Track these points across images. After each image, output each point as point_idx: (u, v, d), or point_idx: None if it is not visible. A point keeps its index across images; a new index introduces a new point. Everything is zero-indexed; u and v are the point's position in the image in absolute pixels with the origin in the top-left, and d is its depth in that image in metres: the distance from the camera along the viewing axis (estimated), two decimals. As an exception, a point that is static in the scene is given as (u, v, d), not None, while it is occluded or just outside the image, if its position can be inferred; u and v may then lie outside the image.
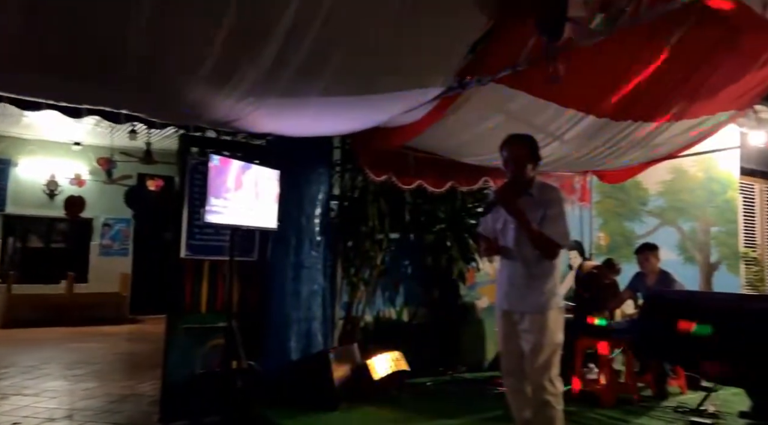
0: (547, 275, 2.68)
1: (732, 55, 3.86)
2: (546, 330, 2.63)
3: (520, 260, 2.72)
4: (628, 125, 4.29)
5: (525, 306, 2.69)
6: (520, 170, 2.76)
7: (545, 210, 2.67)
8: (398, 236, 5.20)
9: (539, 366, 2.61)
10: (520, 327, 2.70)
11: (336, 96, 3.06)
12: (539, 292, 2.66)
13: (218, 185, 3.34)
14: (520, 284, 2.72)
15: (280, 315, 4.35)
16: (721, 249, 7.46)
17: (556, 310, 2.68)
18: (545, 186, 2.80)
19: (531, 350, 2.64)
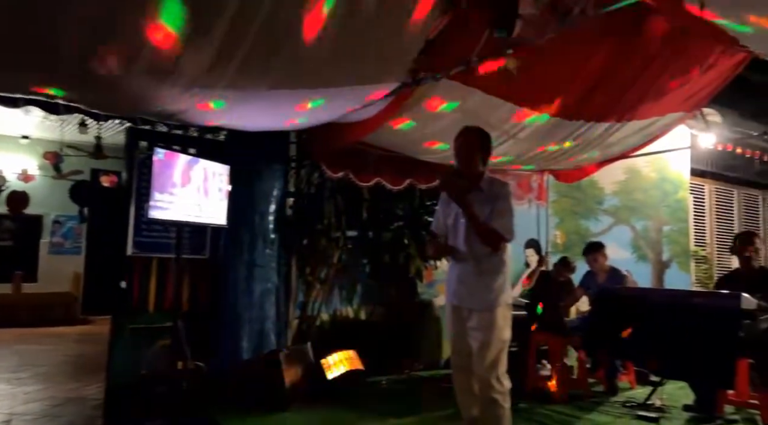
0: (496, 272, 2.67)
1: (679, 58, 3.96)
2: (494, 327, 2.62)
3: (470, 256, 2.71)
4: (581, 124, 4.36)
5: (473, 303, 2.68)
6: (469, 160, 2.75)
7: (493, 205, 2.66)
8: (356, 234, 5.15)
9: (487, 363, 2.60)
10: (469, 324, 2.69)
11: (284, 90, 2.98)
12: (488, 289, 2.66)
13: (163, 180, 3.22)
14: (469, 281, 2.71)
15: (232, 315, 4.24)
16: (673, 247, 7.68)
17: (504, 307, 2.67)
18: (495, 181, 2.79)
19: (479, 347, 2.63)
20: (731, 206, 9.00)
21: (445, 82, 3.62)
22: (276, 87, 2.94)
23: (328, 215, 4.59)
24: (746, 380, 3.89)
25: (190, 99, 2.84)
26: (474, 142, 2.78)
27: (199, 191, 3.59)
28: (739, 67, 4.47)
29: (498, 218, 2.63)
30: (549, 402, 4.11)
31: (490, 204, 2.66)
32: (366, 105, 3.64)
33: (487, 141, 2.84)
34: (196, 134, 4.53)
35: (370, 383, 4.54)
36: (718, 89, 4.71)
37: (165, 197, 3.24)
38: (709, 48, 4.03)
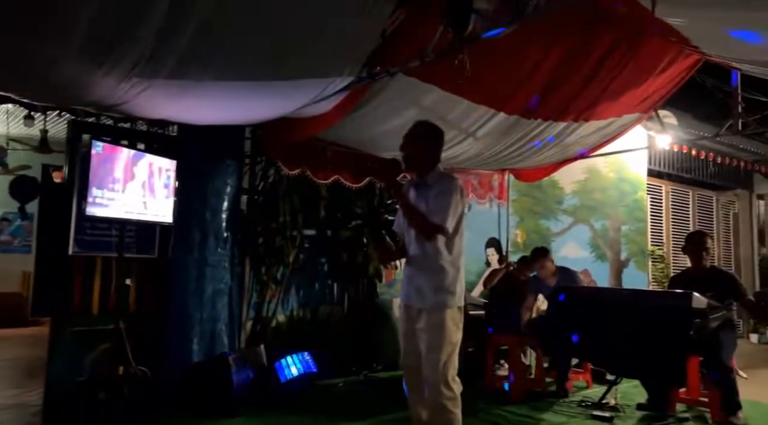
0: (445, 272, 2.58)
1: (632, 60, 4.00)
2: (442, 328, 2.53)
3: (420, 255, 2.63)
4: (538, 123, 4.36)
5: (422, 303, 2.60)
6: (413, 154, 2.67)
7: (433, 196, 2.59)
8: (314, 233, 5.04)
9: (435, 366, 2.52)
10: (417, 324, 2.61)
11: (231, 81, 2.86)
12: (437, 289, 2.57)
13: (102, 175, 3.05)
14: (418, 280, 2.62)
15: (181, 316, 4.07)
16: (631, 247, 7.82)
17: (454, 309, 2.59)
18: (444, 176, 2.69)
19: (427, 349, 2.55)
20: (687, 206, 9.23)
21: (402, 78, 3.56)
22: (220, 79, 2.81)
23: (283, 212, 4.46)
24: (697, 378, 3.95)
25: (130, 89, 2.68)
26: (419, 135, 2.71)
27: (144, 188, 3.42)
28: (691, 70, 4.55)
29: (431, 204, 2.55)
30: (506, 403, 4.09)
31: (431, 197, 2.59)
32: (320, 100, 3.54)
33: (434, 135, 2.75)
34: (144, 127, 4.34)
35: (326, 385, 4.44)
36: (671, 92, 4.79)
37: (105, 193, 3.06)
38: (661, 51, 4.09)
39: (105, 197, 3.06)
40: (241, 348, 4.13)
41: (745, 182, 9.99)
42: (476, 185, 6.02)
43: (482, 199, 6.09)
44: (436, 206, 2.54)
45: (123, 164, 3.22)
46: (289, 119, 3.99)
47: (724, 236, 9.90)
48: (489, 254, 6.30)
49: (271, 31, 2.64)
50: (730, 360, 3.68)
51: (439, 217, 2.52)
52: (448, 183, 2.62)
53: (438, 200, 2.56)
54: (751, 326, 9.16)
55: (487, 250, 6.29)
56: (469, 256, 6.06)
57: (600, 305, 3.73)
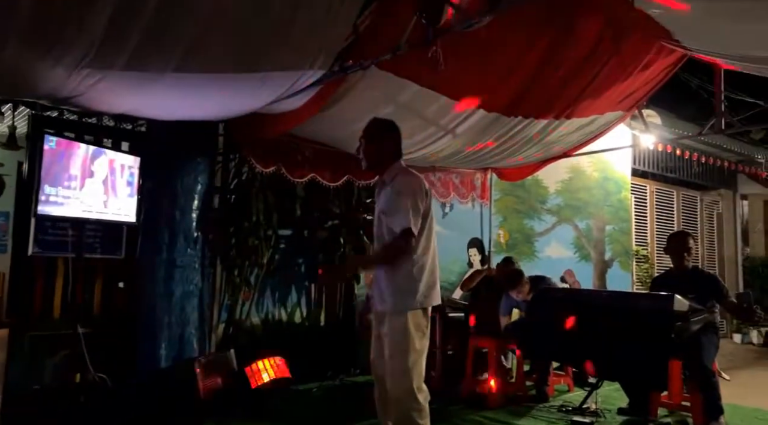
0: (406, 272, 2.43)
1: (615, 56, 3.90)
2: (404, 333, 2.38)
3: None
4: (519, 121, 4.25)
5: (383, 306, 2.47)
6: (366, 152, 2.58)
7: (388, 198, 2.48)
8: (290, 233, 4.89)
9: (397, 374, 2.38)
10: (382, 329, 2.48)
11: (194, 74, 2.71)
12: (396, 290, 2.43)
13: (57, 172, 2.88)
14: (382, 283, 2.49)
15: (149, 320, 3.90)
16: (615, 247, 7.76)
17: (417, 312, 2.43)
18: (400, 173, 2.55)
19: (389, 356, 2.41)
20: (671, 206, 9.20)
21: (377, 72, 3.43)
22: (182, 71, 2.66)
23: (256, 212, 4.30)
24: (679, 382, 3.87)
25: (82, 81, 2.53)
26: (368, 134, 2.61)
27: (105, 185, 3.25)
28: (674, 68, 4.47)
29: (392, 211, 2.43)
30: (483, 408, 3.98)
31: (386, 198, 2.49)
32: (291, 95, 3.40)
33: (385, 130, 2.63)
34: (112, 123, 4.17)
35: (301, 391, 4.30)
36: (654, 89, 4.71)
37: (60, 191, 2.90)
38: (644, 47, 4.00)
39: (60, 195, 2.90)
40: (209, 353, 3.97)
41: (729, 182, 10.00)
42: (458, 184, 5.91)
43: (464, 198, 5.99)
44: (394, 210, 2.42)
45: (80, 160, 3.06)
46: (262, 115, 3.85)
47: (708, 236, 9.90)
48: (471, 255, 6.19)
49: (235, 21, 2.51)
50: (712, 363, 3.60)
51: (399, 221, 2.39)
52: (400, 181, 2.49)
53: (393, 203, 2.44)
54: (734, 326, 9.16)
55: (470, 250, 6.18)
56: (451, 256, 6.06)
57: (580, 307, 3.63)
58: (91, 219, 3.19)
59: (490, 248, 6.22)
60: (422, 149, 4.48)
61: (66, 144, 2.98)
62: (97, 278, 4.06)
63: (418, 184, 2.49)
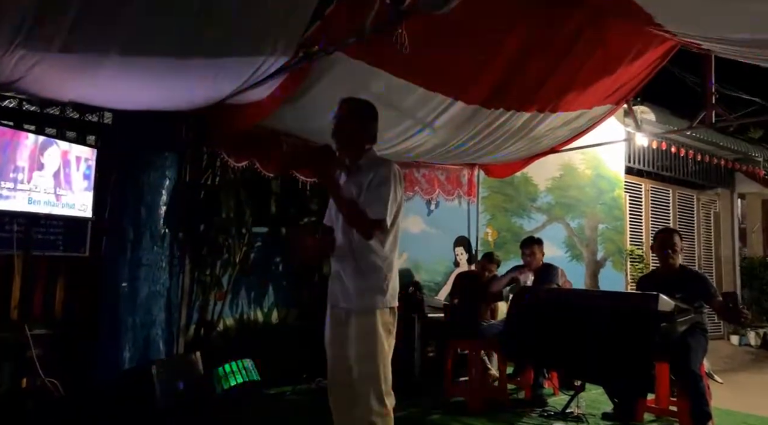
0: (376, 268, 2.26)
1: (601, 46, 3.73)
2: (373, 334, 2.23)
3: (347, 248, 2.30)
4: (501, 113, 4.08)
5: (350, 304, 2.28)
6: (341, 134, 2.34)
7: (367, 184, 2.25)
8: (266, 231, 4.72)
9: (363, 379, 2.22)
10: (346, 329, 2.31)
11: (140, 57, 2.54)
12: (366, 288, 2.25)
13: (1, 163, 2.72)
14: (346, 278, 2.29)
15: (112, 321, 3.74)
16: (608, 246, 7.58)
17: (385, 311, 2.27)
18: (377, 161, 2.36)
19: (355, 359, 2.25)
20: (667, 205, 9.02)
21: (347, 61, 3.27)
22: (128, 53, 2.49)
23: (227, 208, 4.13)
24: (667, 386, 3.70)
25: (17, 64, 2.36)
26: (347, 115, 2.37)
27: (57, 178, 3.08)
28: (664, 59, 4.29)
29: (367, 195, 2.23)
30: (463, 413, 3.80)
31: (365, 184, 2.26)
32: (255, 84, 3.24)
33: (366, 114, 2.41)
34: (76, 115, 4.00)
35: (273, 395, 4.12)
36: (643, 83, 4.54)
37: (3, 183, 2.73)
38: (630, 38, 3.83)
39: (4, 188, 2.73)
40: (170, 356, 3.79)
41: (726, 181, 9.82)
42: (443, 180, 5.75)
43: (450, 195, 5.82)
44: (374, 197, 2.22)
45: (28, 151, 2.89)
46: (230, 106, 3.69)
47: (705, 235, 9.71)
48: (458, 254, 6.02)
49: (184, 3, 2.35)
50: (700, 366, 3.42)
51: (378, 210, 2.20)
52: (385, 169, 2.28)
53: (375, 190, 2.23)
54: (731, 327, 8.98)
55: (456, 249, 6.01)
56: (436, 256, 5.89)
57: (562, 306, 3.46)
58: (40, 214, 3.02)
59: (477, 247, 6.04)
60: (401, 144, 4.30)
61: (11, 134, 2.81)
62: (59, 277, 3.88)
63: (397, 172, 2.32)
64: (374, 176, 2.25)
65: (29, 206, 2.88)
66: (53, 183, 3.05)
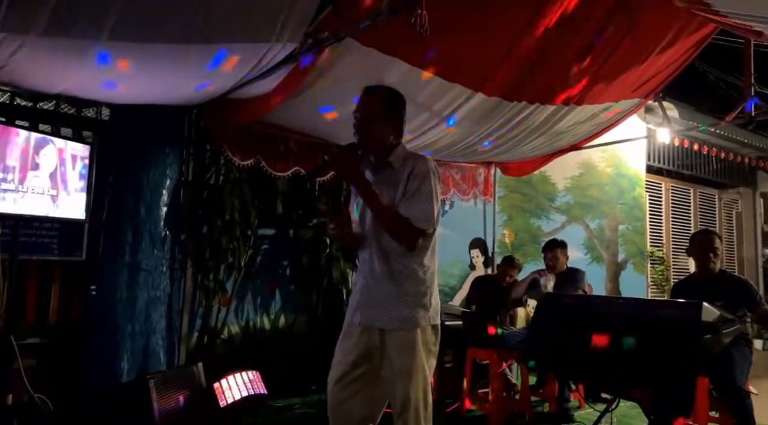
0: (418, 280, 1.97)
1: (631, 35, 3.47)
2: (412, 354, 1.92)
3: (380, 255, 2.00)
4: (524, 106, 3.81)
5: (385, 321, 1.96)
6: (368, 129, 2.02)
7: (405, 185, 1.96)
8: (273, 232, 4.48)
9: (405, 405, 1.91)
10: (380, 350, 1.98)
11: (133, 44, 2.30)
12: (408, 301, 1.95)
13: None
14: (377, 290, 1.99)
15: (109, 329, 3.50)
16: (628, 248, 7.28)
17: (427, 329, 1.96)
18: (410, 156, 2.06)
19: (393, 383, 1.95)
20: (688, 205, 8.70)
21: (359, 50, 3.02)
22: (119, 38, 2.25)
23: (230, 209, 3.89)
24: (706, 402, 3.40)
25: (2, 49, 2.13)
26: (374, 105, 2.05)
27: (54, 179, 2.86)
28: (699, 48, 4.02)
29: (409, 200, 1.94)
30: (484, 428, 3.55)
31: (402, 185, 1.96)
32: (261, 74, 3.00)
33: (396, 103, 2.10)
34: (72, 110, 3.78)
35: (280, 407, 3.88)
36: (675, 74, 4.26)
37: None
38: (666, 22, 3.55)
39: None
40: (170, 368, 3.56)
41: (748, 180, 9.48)
42: (459, 179, 5.48)
43: (466, 195, 5.55)
44: (416, 202, 1.92)
45: (19, 149, 2.66)
46: (234, 100, 3.47)
47: (727, 236, 9.37)
48: (473, 256, 5.75)
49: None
50: (745, 381, 3.14)
51: (424, 216, 1.92)
52: (421, 167, 1.98)
53: (416, 194, 1.93)
54: (755, 331, 8.63)
55: (472, 251, 5.74)
56: (451, 258, 5.61)
57: (593, 314, 3.18)
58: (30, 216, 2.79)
59: (494, 249, 5.77)
60: (416, 139, 4.04)
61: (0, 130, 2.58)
62: (53, 282, 3.66)
63: (436, 170, 2.02)
64: (411, 176, 1.96)
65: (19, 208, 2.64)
66: (49, 184, 2.81)
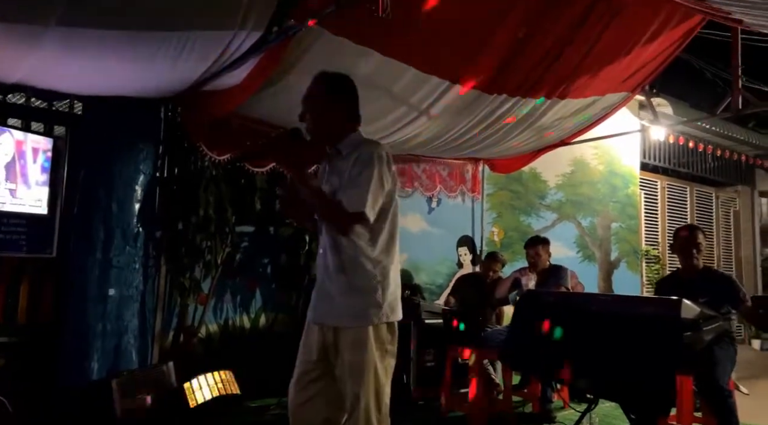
0: (367, 275, 1.86)
1: (613, 26, 3.37)
2: (363, 354, 1.83)
3: (332, 250, 1.92)
4: (504, 100, 3.72)
5: (334, 319, 1.89)
6: (314, 116, 1.94)
7: (349, 172, 1.86)
8: (252, 230, 4.40)
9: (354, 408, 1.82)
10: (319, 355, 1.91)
11: (87, 29, 2.22)
12: (355, 299, 1.86)
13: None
14: (331, 287, 1.91)
15: (80, 327, 3.43)
16: (622, 246, 7.17)
17: (381, 327, 1.87)
18: (361, 143, 1.95)
19: (343, 385, 1.87)
20: (684, 203, 8.59)
21: (330, 39, 2.94)
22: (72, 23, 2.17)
23: (205, 205, 3.81)
24: (689, 401, 3.31)
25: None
26: (318, 91, 1.96)
27: (11, 171, 2.78)
28: (684, 41, 3.93)
29: (347, 187, 1.85)
30: (463, 429, 3.45)
31: (346, 172, 1.87)
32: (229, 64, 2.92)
33: (342, 88, 1.99)
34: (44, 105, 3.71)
35: (255, 408, 3.80)
36: (661, 67, 4.17)
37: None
38: (649, 14, 3.46)
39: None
40: (141, 367, 3.47)
41: (746, 178, 9.35)
42: (445, 176, 5.39)
43: (453, 192, 5.47)
44: (354, 186, 1.82)
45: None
46: (208, 92, 3.39)
47: (725, 235, 9.25)
48: (461, 254, 5.66)
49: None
50: (728, 380, 3.04)
51: (356, 200, 1.81)
52: (366, 151, 1.88)
53: (356, 176, 1.84)
54: (753, 331, 8.50)
55: (459, 249, 5.65)
56: (438, 256, 5.52)
57: (573, 312, 3.09)
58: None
59: (482, 247, 5.68)
60: (396, 133, 3.96)
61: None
62: (22, 280, 3.59)
63: (385, 156, 1.91)
64: (356, 162, 1.86)
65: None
66: (4, 175, 2.74)
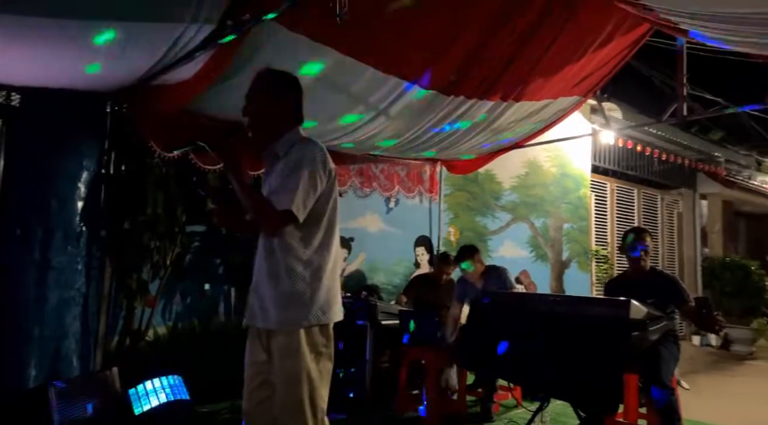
0: (296, 275, 1.83)
1: (568, 28, 3.44)
2: (296, 358, 1.81)
3: (264, 252, 1.90)
4: (462, 101, 3.74)
5: (265, 321, 1.87)
6: (253, 114, 1.92)
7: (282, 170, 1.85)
8: (204, 229, 4.27)
9: (289, 412, 1.81)
10: (262, 357, 1.91)
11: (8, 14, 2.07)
12: (283, 300, 1.83)
13: None
14: (262, 288, 1.89)
15: (15, 332, 3.24)
16: (573, 247, 7.37)
17: (313, 330, 1.85)
18: (297, 143, 1.91)
19: (277, 389, 1.85)
20: (632, 205, 8.91)
21: (285, 35, 2.87)
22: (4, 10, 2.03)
23: (152, 204, 3.66)
24: (635, 398, 3.42)
25: None
26: (259, 88, 1.94)
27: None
28: (634, 48, 4.05)
29: (278, 186, 1.83)
30: (418, 430, 3.46)
31: (282, 173, 1.85)
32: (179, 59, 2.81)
33: (284, 86, 1.97)
34: None
35: (206, 413, 3.69)
36: (614, 71, 4.28)
37: None
38: (602, 19, 3.55)
39: None
40: (82, 373, 3.31)
41: (689, 181, 9.81)
42: (404, 177, 5.39)
43: (411, 193, 5.47)
44: (284, 185, 1.79)
45: None
46: (158, 87, 3.26)
47: (669, 235, 9.66)
48: (419, 254, 5.68)
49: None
50: (672, 377, 3.16)
51: (282, 198, 1.77)
52: (299, 151, 1.86)
53: (286, 174, 1.82)
54: (693, 328, 8.92)
55: (417, 249, 5.66)
56: (395, 256, 5.52)
57: (524, 313, 3.13)
58: None
59: (438, 247, 5.71)
60: (354, 132, 3.92)
61: None
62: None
63: (320, 157, 1.87)
64: (291, 165, 1.83)
65: None
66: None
